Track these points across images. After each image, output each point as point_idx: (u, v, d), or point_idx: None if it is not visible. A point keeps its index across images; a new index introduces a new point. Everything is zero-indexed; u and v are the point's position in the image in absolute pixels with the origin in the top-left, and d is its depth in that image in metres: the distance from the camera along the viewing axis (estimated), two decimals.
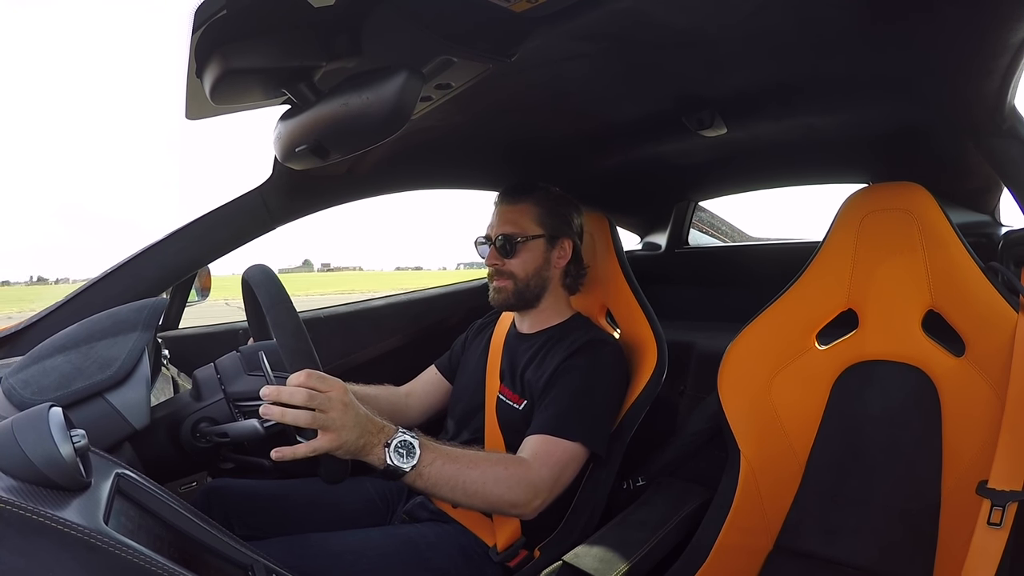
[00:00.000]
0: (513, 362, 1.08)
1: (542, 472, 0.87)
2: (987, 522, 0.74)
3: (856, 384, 0.97)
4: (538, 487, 0.86)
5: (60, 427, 0.44)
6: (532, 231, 1.06)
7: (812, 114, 1.08)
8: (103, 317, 0.74)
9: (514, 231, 1.06)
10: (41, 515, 0.36)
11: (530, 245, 1.06)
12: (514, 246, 1.06)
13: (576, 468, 0.93)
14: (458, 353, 1.24)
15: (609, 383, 1.00)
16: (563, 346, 1.02)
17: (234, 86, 0.59)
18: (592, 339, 1.02)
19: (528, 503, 0.85)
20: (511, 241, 1.06)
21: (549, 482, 0.87)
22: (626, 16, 0.67)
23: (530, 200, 1.07)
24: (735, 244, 2.08)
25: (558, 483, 0.89)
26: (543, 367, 1.01)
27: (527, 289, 1.07)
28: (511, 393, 1.04)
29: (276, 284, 0.71)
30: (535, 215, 1.07)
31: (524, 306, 1.09)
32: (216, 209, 1.07)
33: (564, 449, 0.90)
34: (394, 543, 0.90)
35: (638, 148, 1.30)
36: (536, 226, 1.06)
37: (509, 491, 0.83)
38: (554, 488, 0.89)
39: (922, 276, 0.90)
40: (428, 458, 0.77)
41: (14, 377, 0.65)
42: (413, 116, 0.59)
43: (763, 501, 0.98)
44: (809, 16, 0.70)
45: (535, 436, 0.92)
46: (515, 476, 0.84)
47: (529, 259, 1.06)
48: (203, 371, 0.83)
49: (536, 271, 1.07)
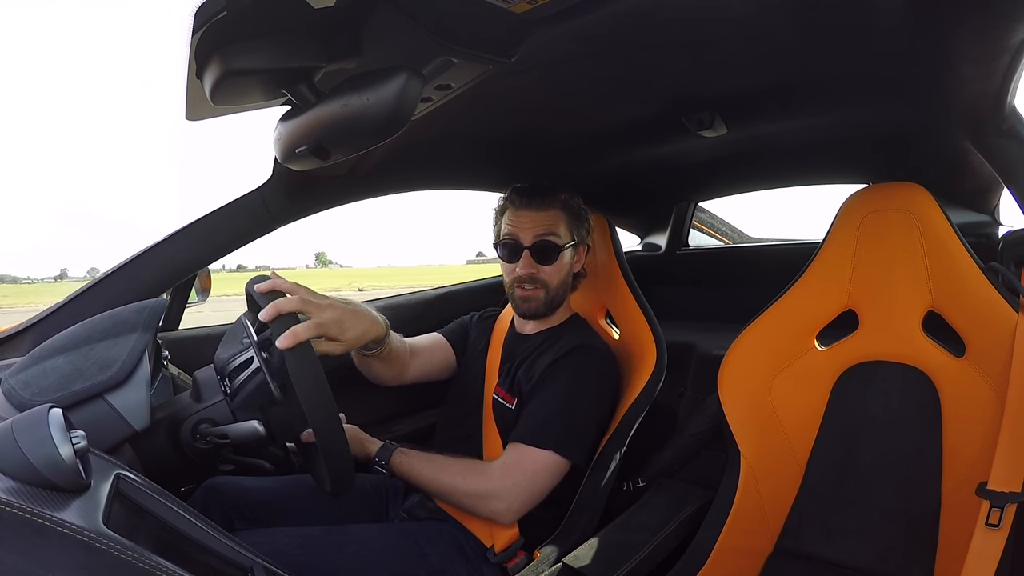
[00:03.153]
0: (509, 362, 1.09)
1: (504, 482, 0.90)
2: (985, 523, 0.74)
3: (856, 385, 0.97)
4: (501, 496, 0.90)
5: (60, 428, 0.44)
6: (565, 239, 1.05)
7: (812, 114, 1.08)
8: (103, 318, 0.74)
9: (554, 238, 1.04)
10: (41, 516, 0.36)
11: (565, 253, 1.05)
12: (555, 253, 1.03)
13: (552, 475, 0.93)
14: (463, 336, 1.23)
15: (593, 389, 1.00)
16: (555, 349, 1.02)
17: (234, 87, 0.59)
18: (581, 344, 1.02)
19: (493, 511, 0.90)
20: (552, 248, 1.03)
21: (515, 490, 0.90)
22: (626, 17, 0.67)
23: (558, 205, 1.06)
24: (735, 245, 2.08)
25: (530, 491, 0.91)
26: (533, 368, 1.02)
27: (556, 297, 1.07)
28: (505, 393, 1.05)
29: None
30: (566, 221, 1.06)
31: (548, 313, 1.08)
32: (216, 210, 1.07)
33: (535, 458, 0.92)
34: (394, 538, 0.91)
35: (638, 149, 1.30)
36: (568, 233, 1.06)
37: (470, 500, 0.91)
38: (526, 495, 0.91)
39: (922, 276, 0.90)
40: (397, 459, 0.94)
41: (14, 378, 0.65)
42: (413, 117, 0.59)
43: (763, 503, 0.98)
44: (809, 16, 0.70)
45: (510, 444, 0.95)
46: (473, 486, 0.91)
47: (564, 267, 1.06)
48: (203, 372, 0.83)
49: (564, 279, 1.07)
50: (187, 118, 0.73)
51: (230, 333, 0.83)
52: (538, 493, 0.93)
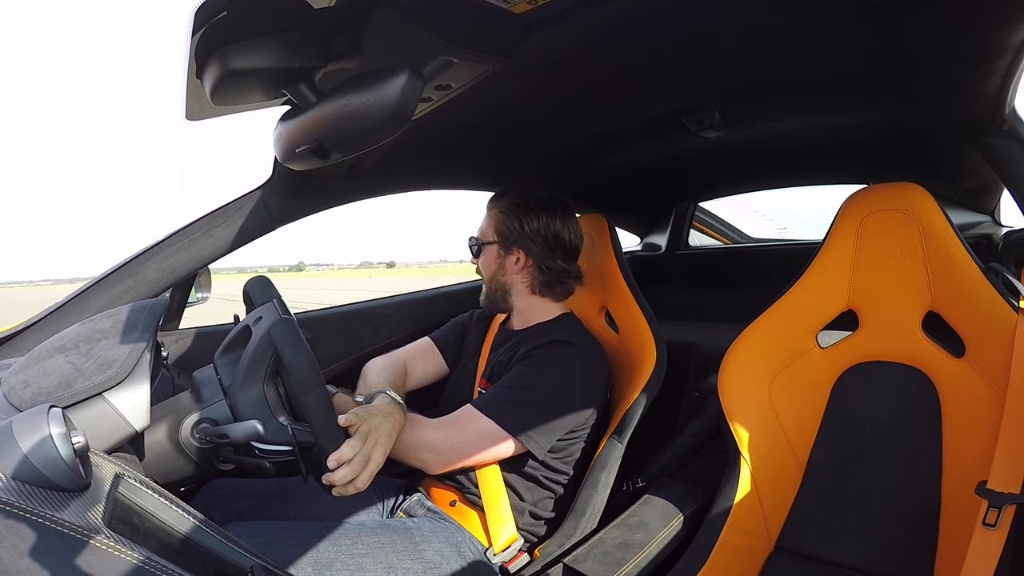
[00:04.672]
0: (495, 355, 1.11)
1: (438, 433, 0.94)
2: (983, 523, 0.74)
3: (856, 385, 0.97)
4: (432, 447, 0.92)
5: (60, 428, 0.44)
6: (488, 237, 1.13)
7: (812, 115, 1.08)
8: (103, 318, 0.74)
9: (479, 235, 1.15)
10: (41, 516, 0.36)
11: (486, 250, 1.13)
12: (478, 249, 1.15)
13: (488, 445, 0.94)
14: (458, 340, 1.27)
15: (556, 381, 0.98)
16: (532, 341, 1.04)
17: (234, 87, 0.59)
18: (558, 339, 1.02)
19: (421, 459, 0.93)
20: (475, 244, 1.16)
21: (446, 444, 0.93)
22: (626, 17, 0.67)
23: (496, 207, 1.13)
24: (735, 245, 2.08)
25: (459, 450, 0.93)
26: (511, 356, 1.05)
27: (491, 290, 1.14)
28: (486, 383, 1.08)
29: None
30: (495, 222, 1.12)
31: (496, 307, 1.16)
32: (216, 209, 1.07)
33: (477, 422, 0.94)
34: (389, 532, 0.91)
35: (638, 149, 1.30)
36: (492, 233, 1.12)
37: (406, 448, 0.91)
38: (455, 453, 0.93)
39: (922, 277, 0.90)
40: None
41: (14, 378, 0.65)
42: (413, 117, 0.59)
43: (763, 502, 0.98)
44: (809, 16, 0.70)
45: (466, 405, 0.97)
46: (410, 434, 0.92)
47: (487, 263, 1.13)
48: (203, 371, 0.83)
49: (492, 275, 1.13)
50: (187, 118, 0.73)
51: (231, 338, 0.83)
52: (468, 455, 0.94)
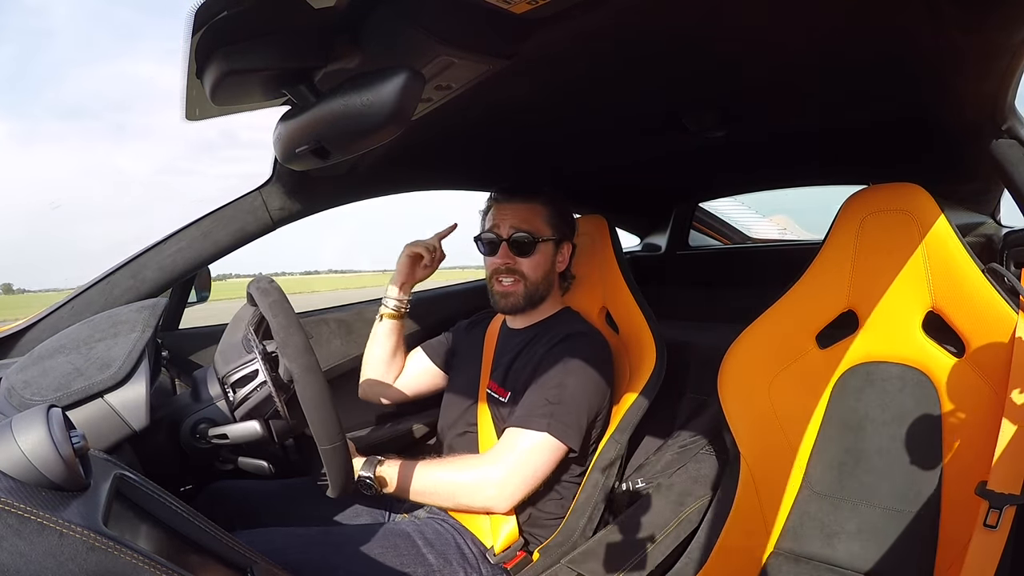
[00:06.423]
0: (502, 356, 1.10)
1: (497, 467, 0.90)
2: (983, 524, 0.74)
3: (856, 385, 0.97)
4: (493, 481, 0.89)
5: (60, 428, 0.44)
6: (544, 232, 1.06)
7: (812, 115, 1.08)
8: (103, 318, 0.75)
9: (530, 230, 1.04)
10: (40, 516, 0.36)
11: (542, 247, 1.05)
12: (530, 246, 1.04)
13: (545, 457, 0.93)
14: (447, 347, 1.25)
15: (584, 374, 0.99)
16: (546, 339, 1.03)
17: (234, 87, 0.59)
18: (571, 332, 1.03)
19: (487, 498, 0.90)
20: (527, 240, 1.04)
21: (507, 474, 0.90)
22: (627, 17, 0.67)
23: (539, 200, 1.07)
24: (736, 245, 2.08)
25: (523, 474, 0.91)
26: (526, 360, 1.03)
27: (537, 292, 1.07)
28: (498, 387, 1.06)
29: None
30: (546, 216, 1.06)
31: (525, 308, 1.08)
32: (216, 210, 1.07)
33: (530, 440, 0.92)
34: (392, 537, 0.91)
35: (638, 149, 1.30)
36: (547, 227, 1.06)
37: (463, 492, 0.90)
38: (519, 479, 0.91)
39: (922, 277, 0.90)
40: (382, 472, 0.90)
41: (14, 377, 0.65)
42: (413, 117, 0.59)
43: (763, 503, 0.98)
44: (809, 17, 0.70)
45: (506, 429, 0.95)
46: (464, 477, 0.91)
47: (541, 261, 1.06)
48: (203, 372, 0.83)
49: (545, 274, 1.07)
50: (186, 118, 0.73)
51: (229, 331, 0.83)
52: (531, 476, 0.91)
